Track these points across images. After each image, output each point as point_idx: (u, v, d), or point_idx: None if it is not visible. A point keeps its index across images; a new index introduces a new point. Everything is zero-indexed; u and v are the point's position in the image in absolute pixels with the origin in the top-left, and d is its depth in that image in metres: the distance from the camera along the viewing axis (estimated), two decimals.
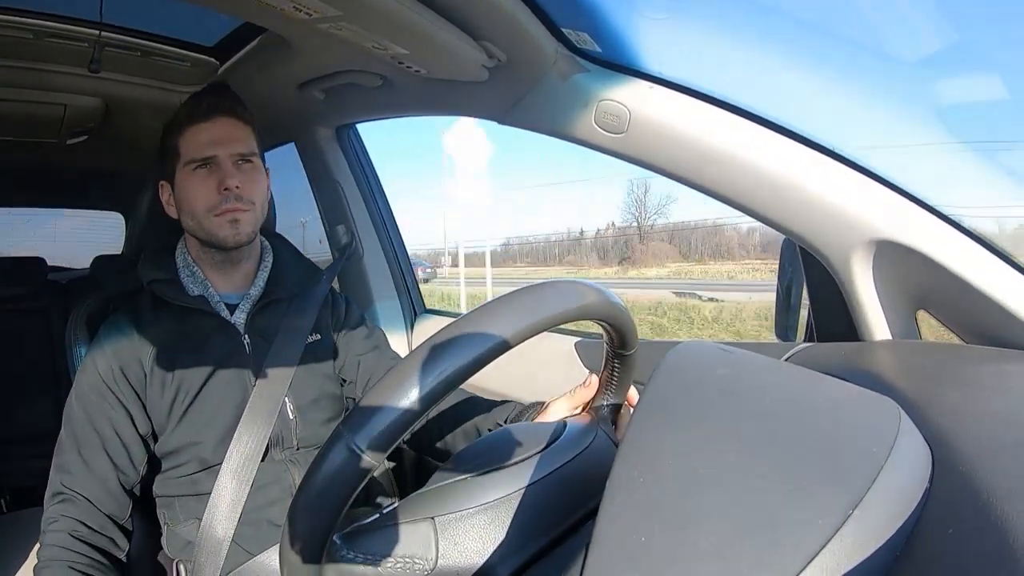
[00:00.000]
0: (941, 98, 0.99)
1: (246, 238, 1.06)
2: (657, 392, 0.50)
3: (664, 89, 0.94)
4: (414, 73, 1.10)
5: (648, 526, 0.39)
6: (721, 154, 0.90)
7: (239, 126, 1.06)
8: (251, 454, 1.00)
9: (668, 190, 35.46)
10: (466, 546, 0.56)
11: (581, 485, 0.62)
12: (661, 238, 34.58)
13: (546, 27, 0.95)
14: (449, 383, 0.48)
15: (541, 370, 1.33)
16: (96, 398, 1.00)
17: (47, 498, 0.97)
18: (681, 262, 31.17)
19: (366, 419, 0.47)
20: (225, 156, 1.04)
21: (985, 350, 0.78)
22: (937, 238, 0.80)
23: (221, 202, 1.02)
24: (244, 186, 1.04)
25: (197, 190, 1.03)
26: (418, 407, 0.47)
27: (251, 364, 1.05)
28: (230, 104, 1.07)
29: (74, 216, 2.85)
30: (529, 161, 70.70)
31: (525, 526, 0.58)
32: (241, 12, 1.01)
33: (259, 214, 1.08)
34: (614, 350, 0.72)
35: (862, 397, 0.53)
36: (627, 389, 0.78)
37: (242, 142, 1.06)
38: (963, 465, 0.42)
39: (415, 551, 0.55)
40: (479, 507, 0.57)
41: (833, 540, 0.36)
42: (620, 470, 0.43)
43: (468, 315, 0.52)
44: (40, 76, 1.39)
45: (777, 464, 0.41)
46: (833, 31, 0.95)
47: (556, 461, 0.62)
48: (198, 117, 1.04)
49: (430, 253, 31.49)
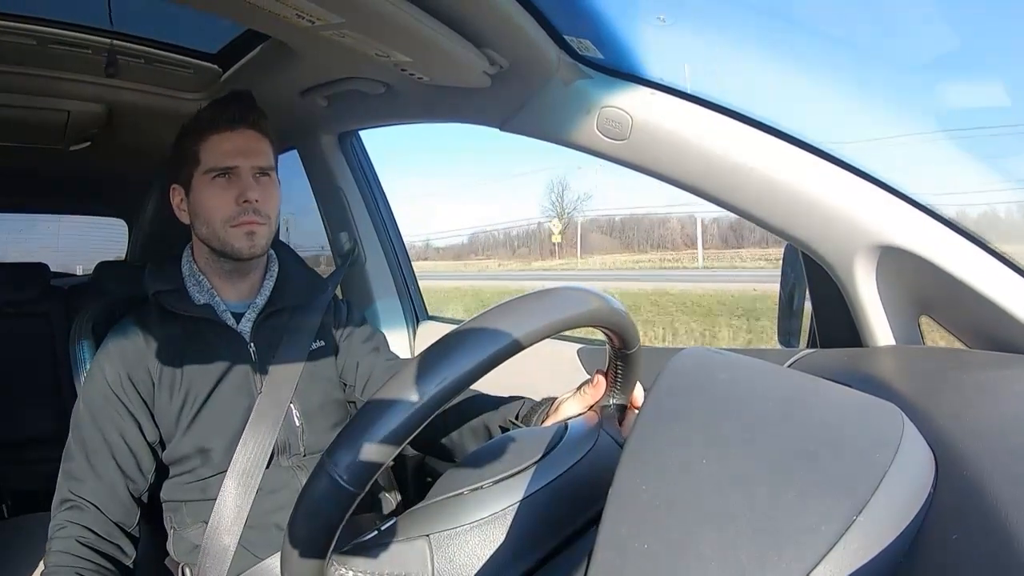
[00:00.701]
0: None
1: (261, 251, 1.06)
2: (660, 398, 0.50)
3: (666, 95, 0.94)
4: (417, 80, 1.10)
5: (651, 534, 0.39)
6: (723, 160, 0.90)
7: (261, 139, 1.07)
8: (256, 460, 1.00)
9: (585, 188, 39.72)
10: (462, 563, 0.56)
11: (582, 491, 0.62)
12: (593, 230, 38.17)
13: (548, 34, 0.95)
14: (438, 401, 0.48)
15: (543, 377, 1.32)
16: (104, 405, 1.00)
17: (55, 505, 0.97)
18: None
19: (349, 449, 0.47)
20: (247, 168, 1.04)
21: (988, 355, 0.78)
22: (939, 243, 0.80)
23: (239, 214, 1.02)
24: (262, 200, 1.04)
25: (216, 200, 1.03)
26: (405, 430, 0.47)
27: (257, 372, 1.06)
28: (256, 117, 1.07)
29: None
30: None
31: (523, 539, 0.57)
32: (244, 19, 1.02)
33: (273, 228, 1.08)
34: (616, 350, 0.72)
35: (865, 402, 0.53)
36: (632, 389, 0.78)
37: (263, 155, 1.06)
38: (967, 470, 0.41)
39: (411, 569, 0.55)
40: (474, 523, 0.57)
41: (837, 546, 0.36)
42: (623, 477, 0.43)
43: (459, 330, 0.51)
44: (44, 82, 1.40)
45: (780, 470, 0.41)
46: (833, 36, 0.96)
47: (555, 470, 0.62)
48: (223, 125, 1.04)
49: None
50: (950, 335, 0.87)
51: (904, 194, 0.83)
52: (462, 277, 27.70)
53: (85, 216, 2.87)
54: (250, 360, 1.06)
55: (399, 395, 0.48)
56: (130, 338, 1.03)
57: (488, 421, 1.03)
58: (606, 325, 0.65)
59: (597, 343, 1.34)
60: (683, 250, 30.71)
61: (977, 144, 0.96)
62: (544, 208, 40.89)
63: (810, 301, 1.02)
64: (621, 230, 36.73)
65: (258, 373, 1.06)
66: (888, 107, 0.99)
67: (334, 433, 0.98)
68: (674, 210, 30.98)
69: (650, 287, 16.04)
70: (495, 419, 1.02)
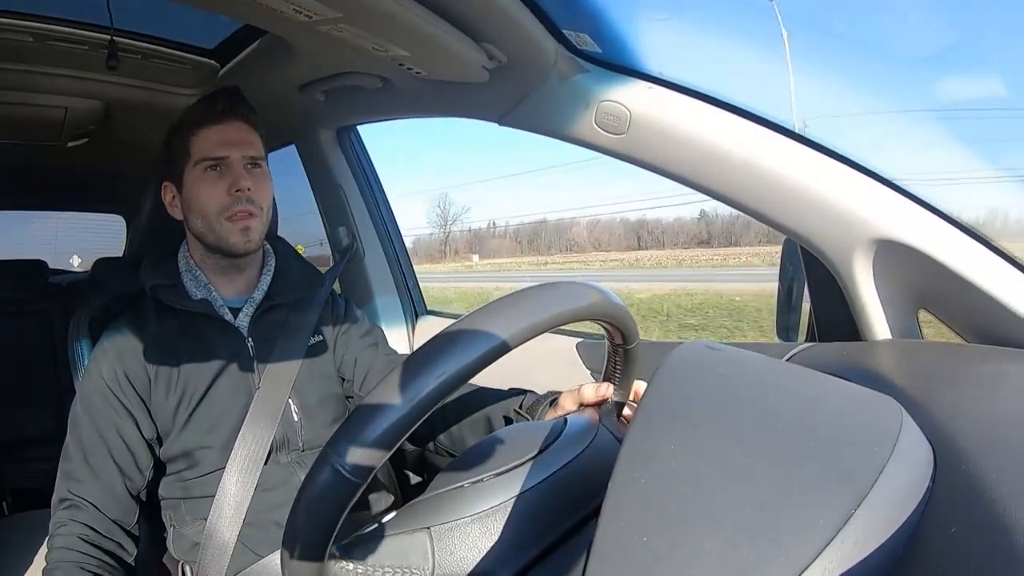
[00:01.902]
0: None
1: (255, 246, 1.06)
2: (659, 392, 0.50)
3: (664, 90, 0.94)
4: (415, 75, 1.10)
5: (650, 527, 0.39)
6: (722, 154, 0.90)
7: (250, 131, 1.07)
8: (255, 456, 1.00)
9: (465, 201, 46.94)
10: (463, 555, 0.56)
11: (581, 486, 0.62)
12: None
13: (546, 28, 0.95)
14: (441, 393, 0.48)
15: (542, 371, 1.33)
16: (101, 403, 0.99)
17: (54, 503, 0.97)
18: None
19: (353, 441, 0.47)
20: (237, 158, 1.03)
21: (986, 349, 0.78)
22: (938, 237, 0.80)
23: (232, 203, 1.02)
24: (254, 190, 1.04)
25: (208, 190, 1.03)
26: (407, 421, 0.47)
27: (255, 367, 1.05)
28: (244, 109, 1.07)
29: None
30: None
31: (523, 532, 0.58)
32: (241, 14, 1.01)
33: (266, 220, 1.08)
34: (615, 346, 0.72)
35: (864, 397, 0.53)
36: (631, 384, 0.78)
37: (253, 146, 1.06)
38: (965, 464, 0.41)
39: (412, 561, 0.55)
40: (474, 516, 0.57)
41: (835, 540, 0.36)
42: (622, 471, 0.43)
43: (464, 320, 0.52)
44: (41, 79, 1.39)
45: (779, 464, 0.41)
46: (831, 30, 0.96)
47: (554, 464, 0.62)
48: (211, 118, 1.04)
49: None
50: (948, 329, 0.87)
51: (903, 188, 0.83)
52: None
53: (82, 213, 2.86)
54: (248, 355, 1.06)
55: (403, 385, 0.48)
56: (126, 335, 1.03)
57: (491, 413, 1.03)
58: (606, 319, 0.65)
59: (596, 337, 1.34)
60: (590, 252, 34.82)
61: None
62: (431, 219, 51.17)
63: (809, 295, 1.02)
64: (530, 235, 44.27)
65: (256, 368, 1.05)
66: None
67: (333, 428, 0.98)
68: (582, 213, 36.50)
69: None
70: (498, 411, 1.02)
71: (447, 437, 1.10)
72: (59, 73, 1.39)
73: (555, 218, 40.88)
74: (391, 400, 0.47)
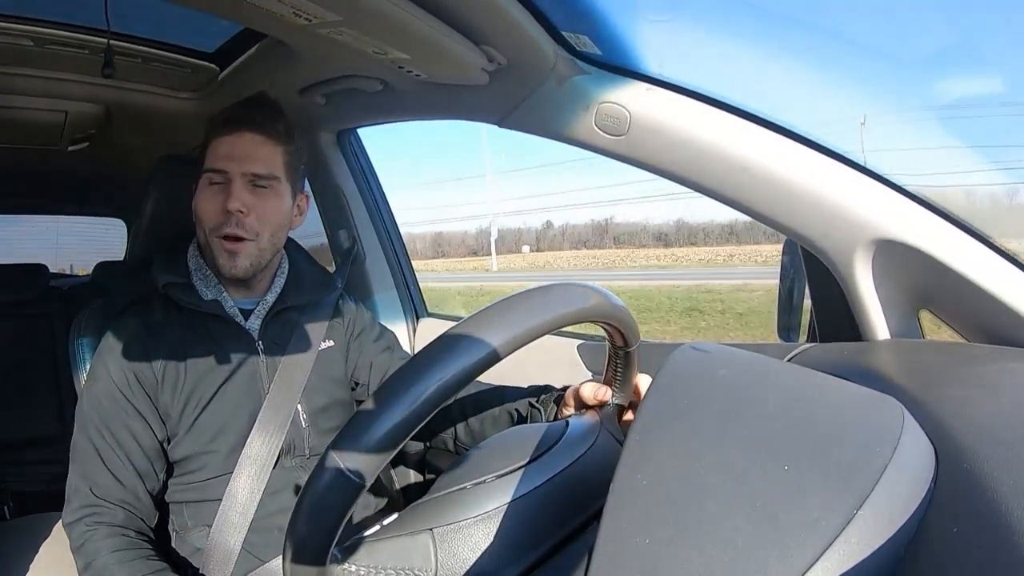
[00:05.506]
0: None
1: (242, 272, 1.01)
2: (660, 394, 0.50)
3: (664, 91, 0.94)
4: (415, 77, 1.10)
5: (652, 529, 0.39)
6: (721, 155, 0.90)
7: (264, 144, 1.01)
8: (263, 462, 0.98)
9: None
10: (465, 556, 0.56)
11: (583, 488, 0.62)
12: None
13: (546, 30, 0.95)
14: (443, 395, 0.48)
15: (543, 372, 1.33)
16: (111, 405, 0.97)
17: (73, 509, 0.93)
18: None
19: (356, 442, 0.47)
20: (237, 174, 0.98)
21: (988, 348, 0.78)
22: (938, 237, 0.80)
23: (223, 224, 0.98)
24: (251, 211, 0.99)
25: (205, 205, 0.99)
26: (410, 423, 0.48)
27: (265, 371, 1.03)
28: (260, 119, 1.01)
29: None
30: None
31: (525, 534, 0.58)
32: (241, 18, 1.01)
33: (265, 245, 1.02)
34: (616, 347, 0.72)
35: (865, 397, 0.53)
36: (631, 386, 0.78)
37: (260, 162, 1.00)
38: (967, 463, 0.41)
39: (415, 563, 0.55)
40: (477, 517, 0.57)
41: (838, 540, 0.36)
42: (623, 472, 0.43)
43: (467, 322, 0.52)
44: (41, 83, 1.40)
45: (781, 465, 0.41)
46: (829, 30, 0.96)
47: (556, 466, 0.62)
48: (224, 127, 1.00)
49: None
50: (950, 329, 0.87)
51: (904, 188, 0.83)
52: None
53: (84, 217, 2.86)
54: (258, 359, 1.03)
55: (406, 388, 0.48)
56: (134, 336, 1.00)
57: (511, 408, 1.02)
58: (606, 321, 0.65)
59: (597, 339, 1.34)
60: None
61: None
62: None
63: (810, 295, 1.02)
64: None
65: (266, 373, 1.03)
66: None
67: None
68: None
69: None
70: (519, 406, 1.01)
71: (467, 433, 1.08)
72: (59, 77, 1.39)
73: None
74: (394, 402, 0.47)
